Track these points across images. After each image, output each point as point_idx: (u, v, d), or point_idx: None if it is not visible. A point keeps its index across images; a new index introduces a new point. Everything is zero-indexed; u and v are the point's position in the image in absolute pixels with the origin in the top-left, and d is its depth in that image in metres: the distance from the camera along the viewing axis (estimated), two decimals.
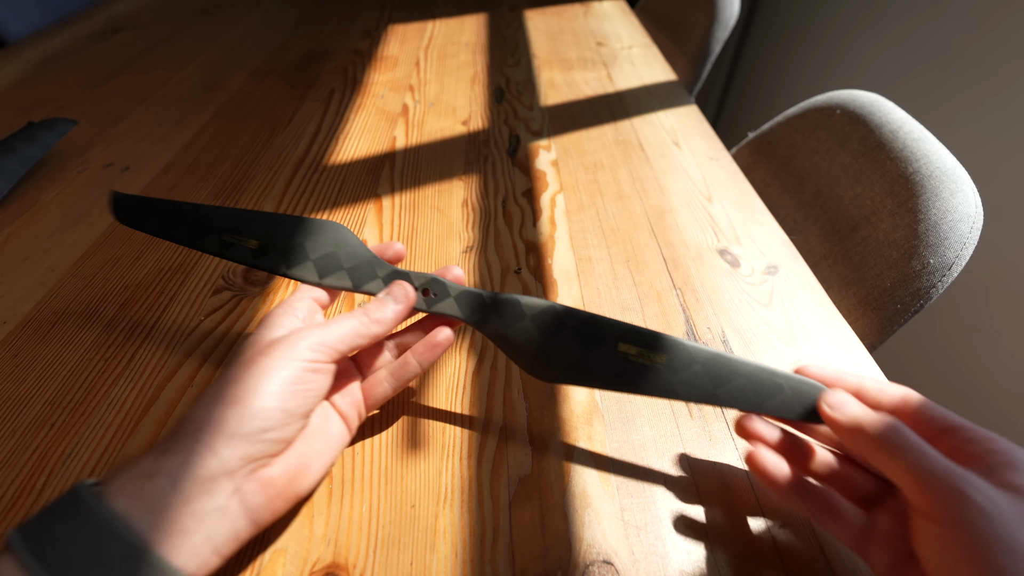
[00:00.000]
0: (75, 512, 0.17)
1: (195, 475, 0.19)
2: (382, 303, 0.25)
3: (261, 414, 0.20)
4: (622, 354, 0.25)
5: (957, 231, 0.37)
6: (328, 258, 0.27)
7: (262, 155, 0.53)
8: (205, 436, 0.19)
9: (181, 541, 0.18)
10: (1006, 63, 0.73)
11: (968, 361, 0.82)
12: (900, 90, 0.91)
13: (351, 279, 0.27)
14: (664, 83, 0.63)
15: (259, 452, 0.20)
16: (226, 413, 0.20)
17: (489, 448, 0.28)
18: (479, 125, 0.56)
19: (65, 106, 0.64)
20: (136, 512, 0.18)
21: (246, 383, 0.20)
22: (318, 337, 0.22)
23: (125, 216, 0.29)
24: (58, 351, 0.33)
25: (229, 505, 0.20)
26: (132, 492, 0.18)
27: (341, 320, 0.24)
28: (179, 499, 0.18)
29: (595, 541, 0.24)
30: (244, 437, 0.20)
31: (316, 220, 0.28)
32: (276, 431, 0.20)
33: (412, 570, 0.23)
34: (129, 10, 0.97)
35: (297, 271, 0.27)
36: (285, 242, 0.27)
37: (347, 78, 0.67)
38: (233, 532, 0.20)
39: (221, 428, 0.19)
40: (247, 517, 0.20)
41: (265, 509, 0.21)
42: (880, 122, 0.45)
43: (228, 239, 0.28)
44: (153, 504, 0.18)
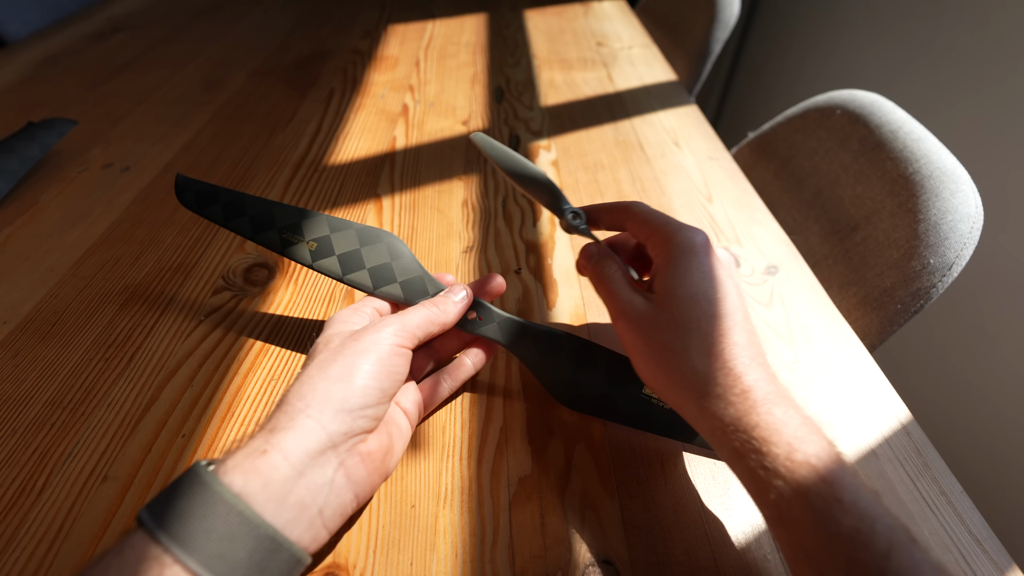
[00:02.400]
0: (195, 490, 0.18)
1: (307, 448, 0.20)
2: (447, 297, 0.27)
3: (363, 391, 0.22)
4: (645, 396, 0.27)
5: (957, 231, 0.37)
6: (382, 268, 0.29)
7: (262, 155, 0.53)
8: (314, 412, 0.21)
9: (297, 514, 0.19)
10: (1006, 63, 0.73)
11: (968, 361, 0.82)
12: (900, 90, 0.91)
13: (403, 291, 0.28)
14: (664, 83, 0.63)
15: (359, 428, 0.22)
16: (332, 390, 0.21)
17: (489, 448, 0.28)
18: (479, 125, 0.56)
19: (65, 106, 0.64)
20: (251, 487, 0.19)
21: (345, 363, 0.22)
22: (399, 324, 0.24)
23: (188, 200, 0.29)
24: (58, 351, 0.33)
25: (336, 479, 0.21)
26: (247, 468, 0.19)
27: (414, 310, 0.26)
28: (293, 473, 0.20)
29: (595, 541, 0.24)
30: (348, 412, 0.21)
31: (372, 228, 0.29)
32: (373, 408, 0.22)
33: (412, 570, 0.23)
34: (129, 10, 0.97)
35: (353, 277, 0.28)
36: (342, 248, 0.29)
37: (347, 78, 0.67)
38: (341, 506, 0.21)
39: (328, 404, 0.21)
40: (352, 491, 0.22)
41: (366, 483, 0.22)
42: (880, 122, 0.45)
43: (288, 237, 0.29)
44: (269, 479, 0.19)
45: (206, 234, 0.43)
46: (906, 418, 0.29)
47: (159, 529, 0.17)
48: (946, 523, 0.25)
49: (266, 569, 0.18)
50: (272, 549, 0.18)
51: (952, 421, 0.84)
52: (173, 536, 0.17)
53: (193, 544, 0.17)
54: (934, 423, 0.85)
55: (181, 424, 0.29)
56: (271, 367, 0.32)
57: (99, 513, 0.25)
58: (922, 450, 0.28)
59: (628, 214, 0.27)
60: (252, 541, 0.18)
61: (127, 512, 0.25)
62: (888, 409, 0.30)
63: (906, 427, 0.29)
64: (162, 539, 0.17)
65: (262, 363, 0.32)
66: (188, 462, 0.27)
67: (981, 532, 0.24)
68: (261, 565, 0.18)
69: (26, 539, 0.24)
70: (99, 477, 0.27)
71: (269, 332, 0.34)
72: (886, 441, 0.28)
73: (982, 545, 0.24)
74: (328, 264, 0.28)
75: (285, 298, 0.37)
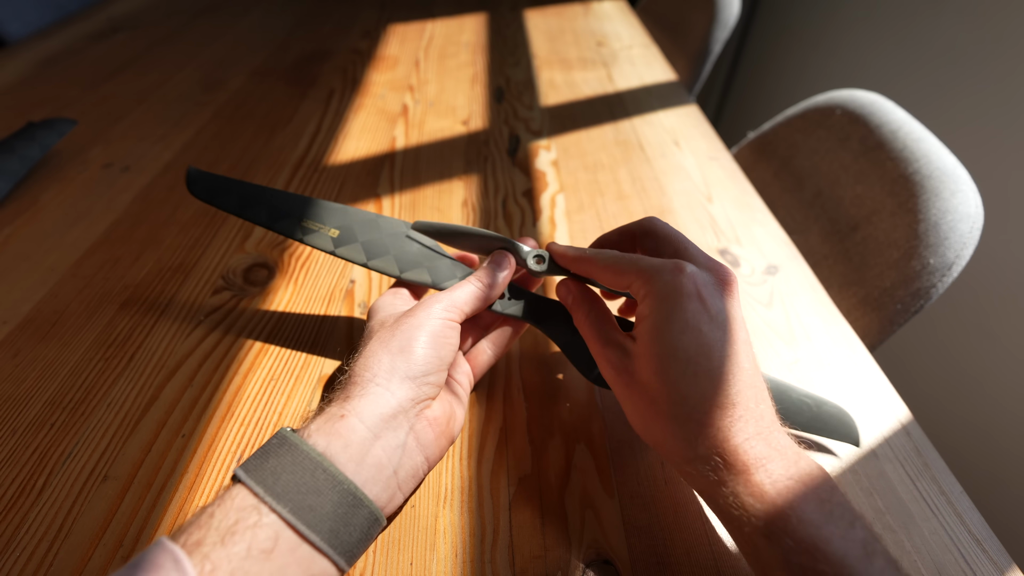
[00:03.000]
0: (284, 450, 0.20)
1: (380, 413, 0.22)
2: (489, 271, 0.27)
3: (423, 359, 0.23)
4: None
5: (957, 231, 0.37)
6: (408, 254, 0.29)
7: (262, 155, 0.53)
8: (382, 380, 0.22)
9: (375, 473, 0.21)
10: (1006, 63, 0.73)
11: (968, 361, 0.82)
12: (900, 90, 0.91)
13: (430, 275, 0.28)
14: (664, 83, 0.63)
15: (424, 394, 0.23)
16: (396, 360, 0.23)
17: (489, 448, 0.28)
18: (479, 125, 0.56)
19: (65, 106, 0.64)
20: (334, 448, 0.20)
21: (404, 337, 0.24)
22: (448, 299, 0.25)
23: (200, 192, 0.29)
24: (58, 351, 0.33)
25: (408, 442, 0.22)
26: (328, 431, 0.21)
27: (461, 286, 0.26)
28: (370, 435, 0.21)
29: (595, 541, 0.24)
30: (413, 379, 0.23)
31: (391, 218, 0.30)
32: (434, 375, 0.24)
33: (412, 570, 0.23)
34: (129, 10, 0.97)
35: (379, 263, 0.28)
36: (366, 235, 0.29)
37: (347, 78, 0.67)
38: (413, 468, 0.23)
39: (394, 373, 0.23)
40: (422, 453, 0.23)
41: (434, 446, 0.24)
42: (880, 122, 0.45)
43: (308, 225, 0.29)
44: (348, 440, 0.21)
45: (206, 234, 0.43)
46: (906, 418, 0.29)
47: (255, 482, 0.19)
48: (946, 523, 0.25)
49: (349, 523, 0.20)
50: (353, 504, 0.20)
51: (952, 421, 0.84)
52: (268, 488, 0.19)
53: (286, 496, 0.19)
54: (934, 423, 0.85)
55: (181, 424, 0.29)
56: (271, 367, 0.32)
57: (99, 513, 0.25)
58: (922, 450, 0.28)
59: (593, 265, 0.25)
60: (337, 495, 0.19)
61: (127, 512, 0.25)
62: (888, 409, 0.30)
63: (906, 427, 0.29)
64: (258, 491, 0.19)
65: (262, 363, 0.32)
66: (188, 462, 0.27)
67: (981, 532, 0.24)
68: (345, 519, 0.20)
69: (26, 539, 0.24)
70: (99, 477, 0.27)
71: (269, 332, 0.34)
72: (886, 441, 0.28)
73: (982, 545, 0.24)
74: (351, 251, 0.28)
75: (285, 298, 0.37)
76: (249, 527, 0.18)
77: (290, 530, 0.18)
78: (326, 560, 0.19)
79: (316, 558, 0.19)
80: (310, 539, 0.18)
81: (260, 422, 0.29)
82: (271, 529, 0.18)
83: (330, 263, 0.39)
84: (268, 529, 0.18)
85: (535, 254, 0.28)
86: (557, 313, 0.28)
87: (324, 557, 0.19)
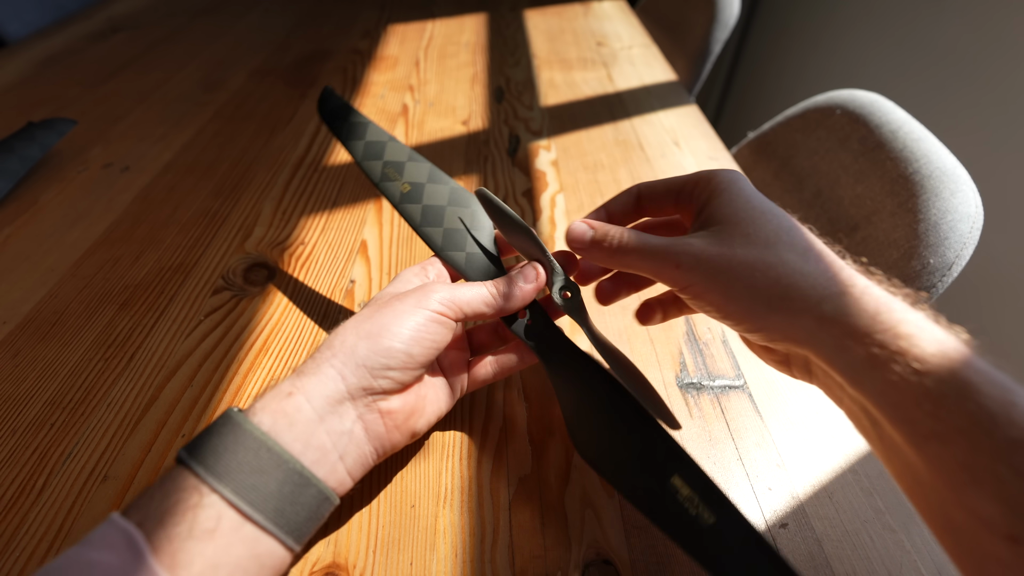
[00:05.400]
0: (227, 429, 0.20)
1: (326, 395, 0.21)
2: (512, 281, 0.25)
3: (387, 352, 0.22)
4: (672, 487, 0.21)
5: (957, 231, 0.37)
6: (457, 234, 0.28)
7: (262, 155, 0.53)
8: (337, 363, 0.21)
9: (320, 456, 0.20)
10: (1006, 63, 0.73)
11: None
12: (900, 90, 0.91)
13: (465, 263, 0.27)
14: (664, 83, 0.63)
15: (379, 387, 0.22)
16: (359, 346, 0.22)
17: (489, 448, 0.28)
18: (479, 125, 0.56)
19: (65, 106, 0.64)
20: (279, 426, 0.20)
21: (380, 322, 0.22)
22: (449, 293, 0.24)
23: (325, 111, 0.32)
24: (58, 351, 0.33)
25: (355, 430, 0.22)
26: (275, 409, 0.20)
27: (472, 285, 0.25)
28: (315, 416, 0.21)
29: (595, 541, 0.24)
30: (369, 370, 0.22)
31: (466, 192, 0.30)
32: (397, 372, 0.22)
33: (412, 570, 0.23)
34: (129, 10, 0.97)
35: (428, 231, 0.28)
36: (431, 200, 0.29)
37: (347, 78, 0.67)
38: (361, 456, 0.22)
39: (352, 358, 0.21)
40: (371, 443, 0.22)
41: (386, 438, 0.23)
42: (880, 122, 0.45)
43: (389, 172, 0.30)
44: (294, 419, 0.20)
45: (206, 234, 0.43)
46: None
47: (196, 463, 0.18)
48: None
49: (296, 502, 0.19)
50: (301, 484, 0.19)
51: None
52: (209, 468, 0.18)
53: (227, 476, 0.18)
54: None
55: (181, 424, 0.29)
56: (271, 367, 0.32)
57: (99, 513, 0.25)
58: None
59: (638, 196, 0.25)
60: (282, 474, 0.19)
61: None
62: None
63: None
64: (199, 471, 0.18)
65: (262, 363, 0.32)
66: None
67: None
68: (292, 498, 0.19)
69: (26, 539, 0.24)
70: (99, 477, 0.27)
71: (269, 332, 0.34)
72: None
73: None
74: (411, 210, 0.29)
75: (285, 298, 0.37)
76: (190, 508, 0.18)
77: (232, 510, 0.18)
78: (272, 539, 0.19)
79: (262, 537, 0.19)
80: (253, 518, 0.18)
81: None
82: (213, 509, 0.18)
83: (330, 263, 0.39)
84: (210, 509, 0.18)
85: (562, 285, 0.25)
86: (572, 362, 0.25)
87: (270, 536, 0.19)
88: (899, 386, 0.16)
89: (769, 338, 0.20)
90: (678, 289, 0.22)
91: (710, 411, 0.29)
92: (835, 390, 0.19)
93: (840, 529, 0.24)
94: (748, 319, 0.20)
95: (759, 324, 0.20)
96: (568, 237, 0.24)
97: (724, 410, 0.29)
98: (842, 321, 0.17)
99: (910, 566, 0.23)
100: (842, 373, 0.18)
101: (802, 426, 0.28)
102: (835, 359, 0.18)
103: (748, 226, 0.20)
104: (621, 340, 0.33)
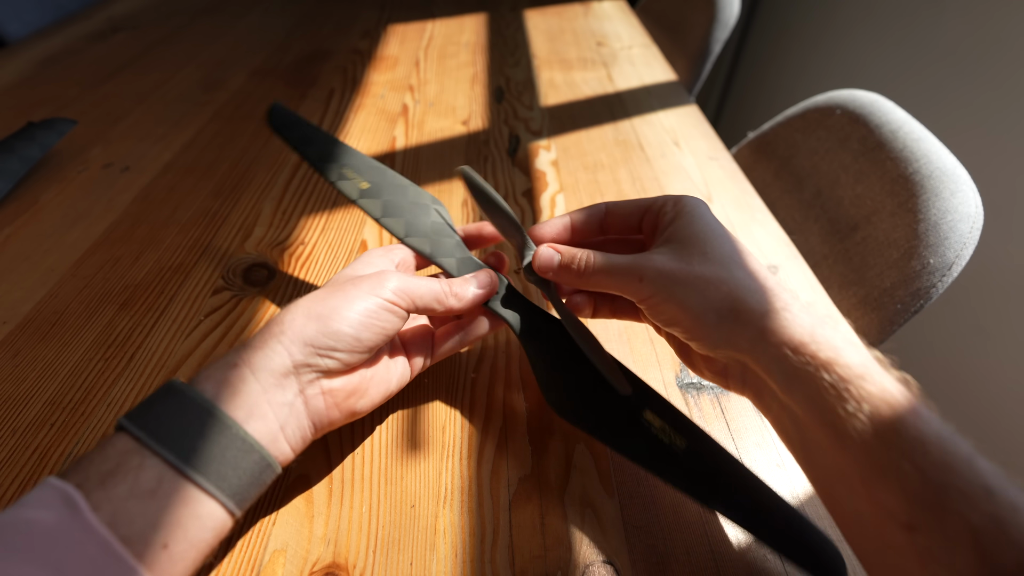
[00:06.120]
0: (170, 397, 0.20)
1: (271, 369, 0.21)
2: (466, 282, 0.27)
3: (336, 335, 0.22)
4: (646, 422, 0.24)
5: (957, 231, 0.37)
6: (419, 222, 0.29)
7: (262, 155, 0.53)
8: (285, 340, 0.22)
9: (261, 424, 0.21)
10: (1006, 63, 0.73)
11: (968, 361, 0.82)
12: (900, 90, 0.91)
13: (430, 247, 0.29)
14: (664, 83, 0.63)
15: (323, 365, 0.22)
16: (307, 325, 0.22)
17: (489, 448, 0.28)
18: (479, 125, 0.56)
19: (65, 106, 0.64)
20: (223, 394, 0.20)
21: (331, 304, 0.23)
22: (403, 283, 0.24)
23: (276, 122, 0.32)
24: (58, 351, 0.33)
25: (296, 403, 0.22)
26: (219, 379, 0.21)
27: (427, 281, 0.25)
28: (257, 387, 0.21)
29: (595, 541, 0.24)
30: (315, 349, 0.22)
31: (422, 190, 0.31)
32: (343, 354, 0.23)
33: (412, 570, 0.23)
34: (129, 10, 0.97)
35: (390, 222, 0.29)
36: (390, 195, 0.30)
37: (347, 78, 0.67)
38: (300, 429, 0.22)
39: (301, 335, 0.22)
40: (310, 418, 0.23)
41: (324, 415, 0.23)
42: (880, 122, 0.45)
43: (347, 173, 0.30)
44: (237, 389, 0.21)
45: (206, 234, 0.43)
46: None
47: (137, 428, 0.19)
48: None
49: (238, 467, 0.20)
50: (244, 449, 0.20)
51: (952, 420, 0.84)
52: (151, 432, 0.19)
53: (169, 439, 0.19)
54: None
55: None
56: None
57: None
58: None
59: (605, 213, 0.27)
60: (224, 439, 0.19)
61: None
62: None
63: None
64: (140, 435, 0.19)
65: None
66: None
67: None
68: (234, 463, 0.20)
69: None
70: None
71: None
72: None
73: None
74: (371, 204, 0.29)
75: (285, 298, 0.37)
76: (131, 469, 0.18)
77: (173, 471, 0.18)
78: (214, 501, 0.19)
79: (203, 499, 0.19)
80: (195, 479, 0.18)
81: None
82: (154, 471, 0.18)
83: (329, 263, 0.39)
84: (151, 471, 0.18)
85: (531, 260, 0.27)
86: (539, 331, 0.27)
87: (211, 498, 0.19)
88: (827, 392, 0.18)
89: (714, 346, 0.22)
90: (638, 300, 0.23)
91: (710, 411, 0.29)
92: (766, 398, 0.22)
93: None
94: (699, 327, 0.22)
95: (708, 332, 0.22)
96: (537, 262, 0.26)
97: (724, 410, 0.29)
98: (781, 333, 0.20)
99: None
100: (777, 381, 0.20)
101: None
102: (772, 368, 0.20)
103: (705, 246, 0.22)
104: (621, 340, 0.33)
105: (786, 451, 0.27)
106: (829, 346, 0.19)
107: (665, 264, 0.22)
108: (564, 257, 0.25)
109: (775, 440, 0.28)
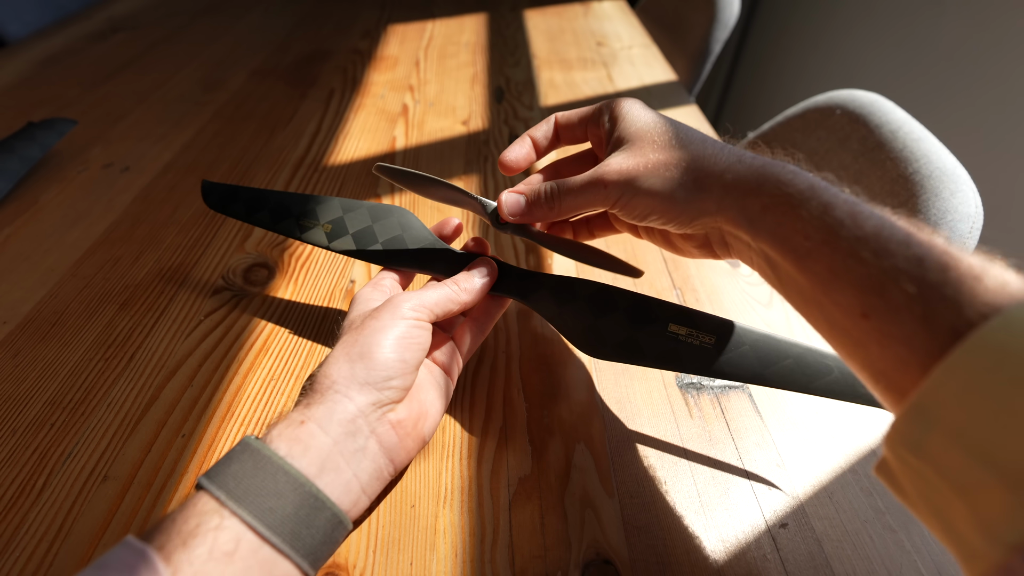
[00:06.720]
0: (246, 456, 0.20)
1: (338, 418, 0.22)
2: (470, 275, 0.28)
3: (384, 364, 0.23)
4: (672, 334, 0.26)
5: (957, 231, 0.37)
6: (395, 241, 0.30)
7: (262, 155, 0.53)
8: (340, 387, 0.23)
9: (334, 476, 0.21)
10: (1006, 63, 0.73)
11: None
12: (900, 90, 0.91)
13: (416, 262, 0.29)
14: (664, 83, 0.63)
15: (386, 398, 0.23)
16: (355, 367, 0.23)
17: (489, 448, 0.28)
18: (479, 125, 0.56)
19: (65, 106, 0.64)
20: (295, 452, 0.21)
21: (365, 341, 0.24)
22: (417, 299, 0.25)
23: (214, 202, 0.32)
24: (58, 351, 0.33)
25: (368, 445, 0.23)
26: (289, 437, 0.21)
27: (435, 287, 0.26)
28: (328, 440, 0.21)
29: (595, 541, 0.24)
30: (373, 385, 0.23)
31: (383, 205, 0.31)
32: (397, 379, 0.23)
33: (412, 570, 0.23)
34: (129, 10, 0.97)
35: (367, 254, 0.30)
36: (356, 226, 0.30)
37: (347, 78, 0.67)
38: (376, 470, 0.23)
39: (353, 379, 0.23)
40: (386, 456, 0.23)
41: (399, 448, 0.24)
42: (880, 122, 0.45)
43: (305, 223, 0.30)
44: (308, 445, 0.21)
45: (206, 234, 0.43)
46: None
47: (216, 487, 0.19)
48: None
49: (312, 524, 0.20)
50: (316, 507, 0.20)
51: None
52: (229, 492, 0.19)
53: (246, 499, 0.19)
54: None
55: (181, 424, 0.29)
56: (271, 367, 0.32)
57: (99, 513, 0.25)
58: None
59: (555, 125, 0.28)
60: (298, 498, 0.20)
61: (127, 512, 0.25)
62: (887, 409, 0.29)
63: None
64: (219, 495, 0.19)
65: (262, 363, 0.32)
66: (188, 462, 0.27)
67: None
68: (307, 520, 0.20)
69: (26, 539, 0.24)
70: (99, 477, 0.27)
71: (269, 332, 0.34)
72: None
73: None
74: (343, 243, 0.30)
75: (285, 298, 0.37)
76: (211, 530, 0.18)
77: (251, 532, 0.18)
78: (288, 562, 0.19)
79: (278, 560, 0.19)
80: (271, 541, 0.19)
81: (260, 422, 0.29)
82: (232, 532, 0.18)
83: (329, 263, 0.39)
84: (229, 532, 0.18)
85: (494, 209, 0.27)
86: (543, 285, 0.28)
87: (286, 559, 0.19)
88: (784, 224, 0.19)
89: (690, 220, 0.23)
90: (610, 206, 0.24)
91: (710, 411, 0.29)
92: (746, 252, 0.23)
93: (840, 529, 0.24)
94: (672, 208, 0.23)
95: (682, 209, 0.23)
96: (506, 210, 0.26)
97: (724, 410, 0.29)
98: (740, 184, 0.21)
99: (910, 566, 0.23)
100: (745, 229, 0.21)
101: (802, 426, 0.28)
102: (739, 218, 0.21)
103: (653, 135, 0.24)
104: None
105: (787, 451, 0.27)
106: (780, 182, 0.20)
107: (623, 164, 0.23)
108: (529, 196, 0.26)
109: (775, 440, 0.28)
